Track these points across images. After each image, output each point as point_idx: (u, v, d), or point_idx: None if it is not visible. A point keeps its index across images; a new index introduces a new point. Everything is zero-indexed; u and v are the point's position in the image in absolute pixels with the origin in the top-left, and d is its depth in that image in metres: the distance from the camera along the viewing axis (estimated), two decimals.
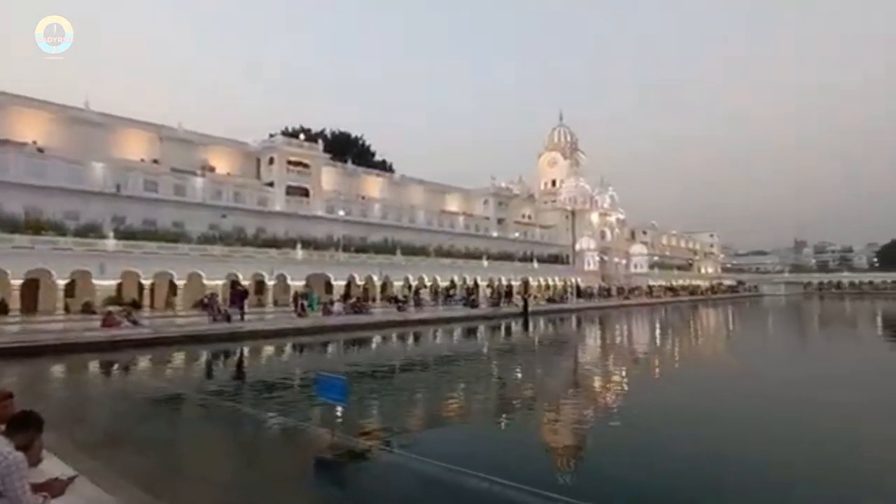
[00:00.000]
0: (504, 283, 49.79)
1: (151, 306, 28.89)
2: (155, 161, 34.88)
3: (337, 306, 28.83)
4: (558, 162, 77.82)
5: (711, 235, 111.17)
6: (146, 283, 28.87)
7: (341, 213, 39.14)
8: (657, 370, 16.32)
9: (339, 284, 36.02)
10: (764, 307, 62.25)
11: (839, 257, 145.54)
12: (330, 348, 20.41)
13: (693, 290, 79.93)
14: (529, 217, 67.11)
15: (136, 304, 27.28)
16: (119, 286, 28.04)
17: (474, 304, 37.19)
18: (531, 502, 5.17)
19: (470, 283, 45.93)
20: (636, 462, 6.96)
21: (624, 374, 15.47)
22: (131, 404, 10.37)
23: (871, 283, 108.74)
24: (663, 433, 8.52)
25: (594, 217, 71.60)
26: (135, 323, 19.86)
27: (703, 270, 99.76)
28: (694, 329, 33.23)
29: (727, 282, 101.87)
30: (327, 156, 43.67)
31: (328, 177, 44.04)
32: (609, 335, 28.60)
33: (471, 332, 26.92)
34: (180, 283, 29.86)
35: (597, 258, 68.83)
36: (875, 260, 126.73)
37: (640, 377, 14.72)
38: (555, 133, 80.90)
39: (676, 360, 19.44)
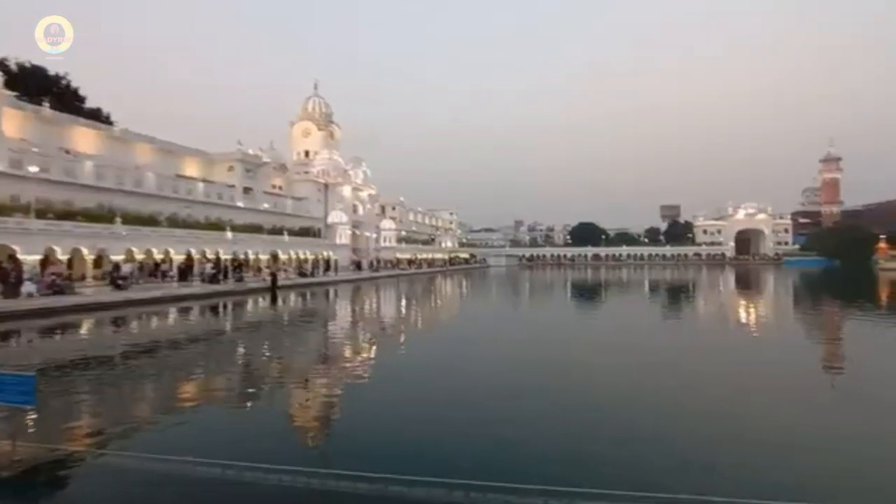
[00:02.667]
0: (252, 256, 47.57)
1: None
2: None
3: (28, 286, 23.67)
4: (312, 132, 76.96)
5: (451, 213, 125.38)
6: None
7: (34, 168, 31.56)
8: (400, 337, 18.31)
9: (31, 259, 29.29)
10: (489, 276, 73.90)
11: (545, 235, 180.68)
12: (16, 340, 16.86)
13: (432, 263, 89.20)
14: (281, 188, 65.03)
15: None
16: None
17: (215, 280, 34.80)
18: (271, 480, 5.23)
19: (211, 256, 42.51)
20: (384, 427, 7.56)
21: (370, 342, 16.96)
22: None
23: (566, 256, 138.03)
24: (410, 396, 9.53)
25: (347, 191, 73.35)
26: None
27: (443, 245, 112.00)
28: (432, 298, 37.68)
29: (462, 255, 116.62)
30: (10, 93, 34.60)
31: (13, 122, 34.98)
32: (359, 307, 30.36)
33: (212, 311, 25.39)
34: None
35: (349, 232, 70.98)
36: (568, 237, 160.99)
37: (385, 345, 16.34)
38: (309, 103, 79.54)
39: (417, 327, 21.99)
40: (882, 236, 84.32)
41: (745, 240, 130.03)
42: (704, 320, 24.40)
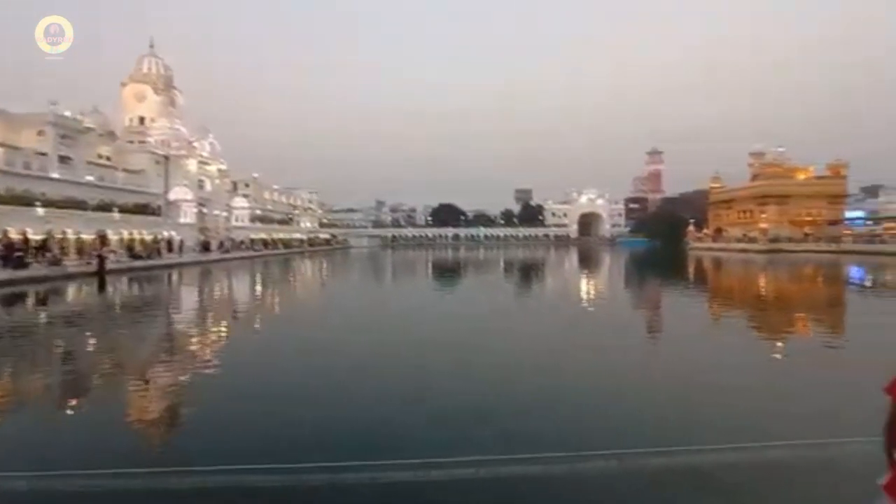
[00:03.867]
0: (72, 236, 41.67)
1: None
2: None
3: None
4: (147, 97, 68.70)
5: (311, 192, 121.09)
6: None
7: None
8: (247, 324, 17.55)
9: None
10: (350, 257, 73.35)
11: (407, 216, 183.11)
12: None
13: (288, 244, 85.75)
14: (108, 158, 57.29)
15: None
16: None
17: (22, 264, 30.00)
18: (91, 485, 4.84)
19: (17, 236, 36.42)
20: (232, 420, 7.10)
21: (212, 330, 16.03)
22: None
23: (426, 236, 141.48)
24: (261, 384, 9.17)
25: (192, 164, 67.12)
26: None
27: (302, 225, 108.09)
28: (285, 281, 36.50)
29: (323, 235, 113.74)
30: None
31: None
32: (203, 291, 28.36)
33: (18, 300, 22.00)
34: None
35: (195, 210, 65.29)
36: (429, 218, 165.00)
37: (230, 334, 15.57)
38: (144, 62, 70.61)
39: (267, 312, 21.23)
40: (691, 220, 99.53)
41: (587, 223, 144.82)
42: (540, 293, 27.05)
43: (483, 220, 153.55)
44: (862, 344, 12.25)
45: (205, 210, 69.04)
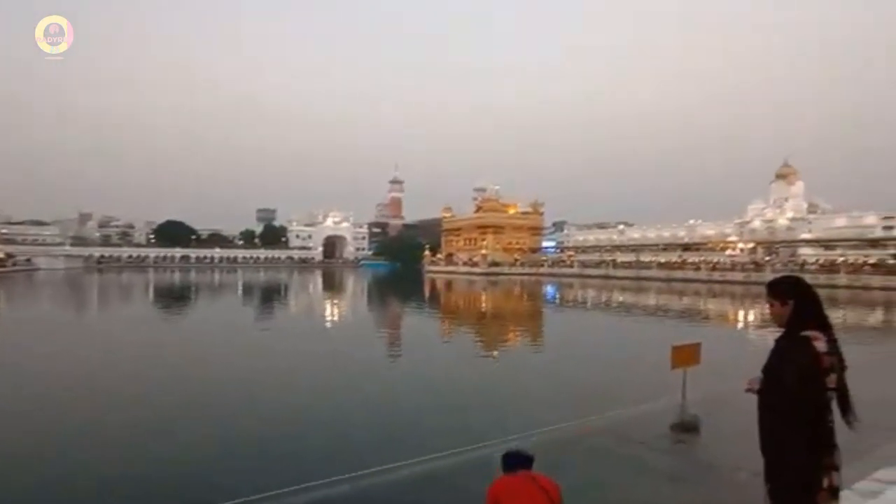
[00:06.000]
0: None
1: None
2: None
3: None
4: None
5: None
6: None
7: None
8: None
9: None
10: (34, 282, 58.79)
11: (122, 233, 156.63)
12: None
13: None
14: None
15: None
16: None
17: None
18: None
19: None
20: None
21: None
22: None
23: (147, 257, 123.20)
24: None
25: None
26: None
27: None
28: None
29: None
30: None
31: None
32: None
33: None
34: None
35: None
36: (152, 237, 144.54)
37: None
38: None
39: None
40: (427, 245, 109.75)
41: (332, 244, 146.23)
42: (282, 316, 26.07)
43: (219, 240, 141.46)
44: (557, 344, 15.01)
45: None
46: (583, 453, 6.28)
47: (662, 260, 72.64)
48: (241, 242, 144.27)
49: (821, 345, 2.08)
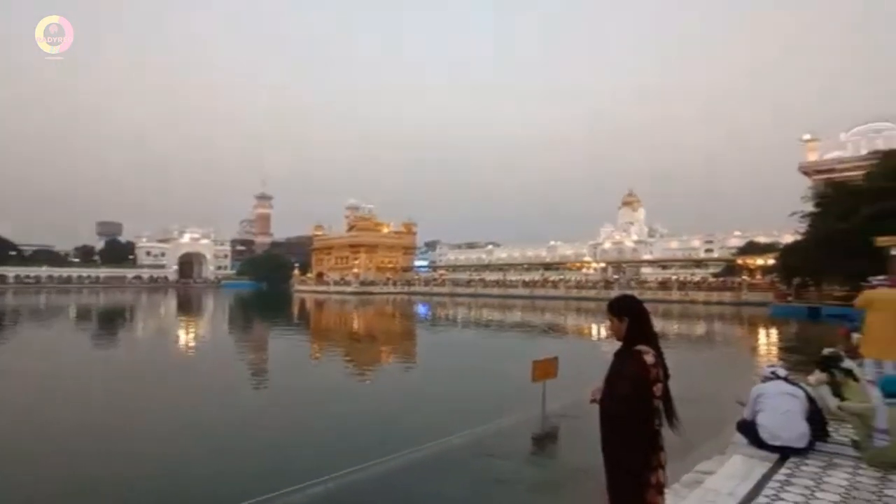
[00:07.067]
0: None
1: None
2: None
3: None
4: None
5: None
6: None
7: None
8: None
9: None
10: None
11: None
12: None
13: None
14: None
15: None
16: None
17: None
18: None
19: None
20: None
21: None
22: None
23: None
24: None
25: None
26: None
27: None
28: None
29: None
30: None
31: None
32: None
33: None
34: None
35: None
36: None
37: None
38: None
39: None
40: (296, 264, 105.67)
41: (189, 263, 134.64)
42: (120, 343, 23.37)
43: (48, 257, 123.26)
44: (426, 363, 15.19)
45: None
46: (443, 472, 6.39)
47: (527, 279, 77.54)
48: (76, 260, 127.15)
49: (650, 357, 2.38)
